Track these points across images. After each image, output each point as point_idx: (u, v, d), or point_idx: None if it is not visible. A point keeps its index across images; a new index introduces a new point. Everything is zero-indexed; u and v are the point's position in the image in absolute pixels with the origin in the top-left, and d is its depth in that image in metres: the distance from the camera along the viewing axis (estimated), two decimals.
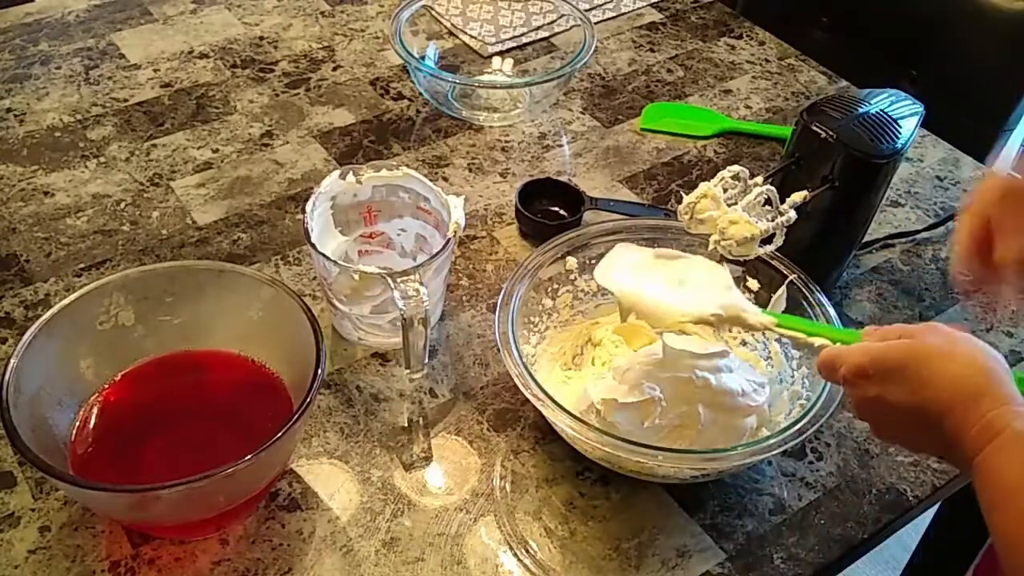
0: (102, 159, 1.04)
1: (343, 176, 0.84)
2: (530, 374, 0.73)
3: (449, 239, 0.80)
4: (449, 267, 0.86)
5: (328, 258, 0.79)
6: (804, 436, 0.70)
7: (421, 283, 0.75)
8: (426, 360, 0.80)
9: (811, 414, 0.71)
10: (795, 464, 0.80)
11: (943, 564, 1.24)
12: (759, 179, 0.79)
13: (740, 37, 1.29)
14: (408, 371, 0.79)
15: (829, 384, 0.73)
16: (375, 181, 0.85)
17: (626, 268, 0.78)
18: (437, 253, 0.79)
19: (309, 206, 0.82)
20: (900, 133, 0.82)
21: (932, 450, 0.64)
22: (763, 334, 0.83)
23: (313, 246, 0.79)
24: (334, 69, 1.19)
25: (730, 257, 0.77)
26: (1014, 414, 0.55)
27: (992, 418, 0.55)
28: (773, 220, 0.77)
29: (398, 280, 0.75)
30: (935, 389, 0.58)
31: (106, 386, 0.74)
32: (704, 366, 0.75)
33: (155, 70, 1.17)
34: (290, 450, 0.73)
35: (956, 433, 0.57)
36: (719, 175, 0.79)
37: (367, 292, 0.81)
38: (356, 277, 0.79)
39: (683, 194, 0.79)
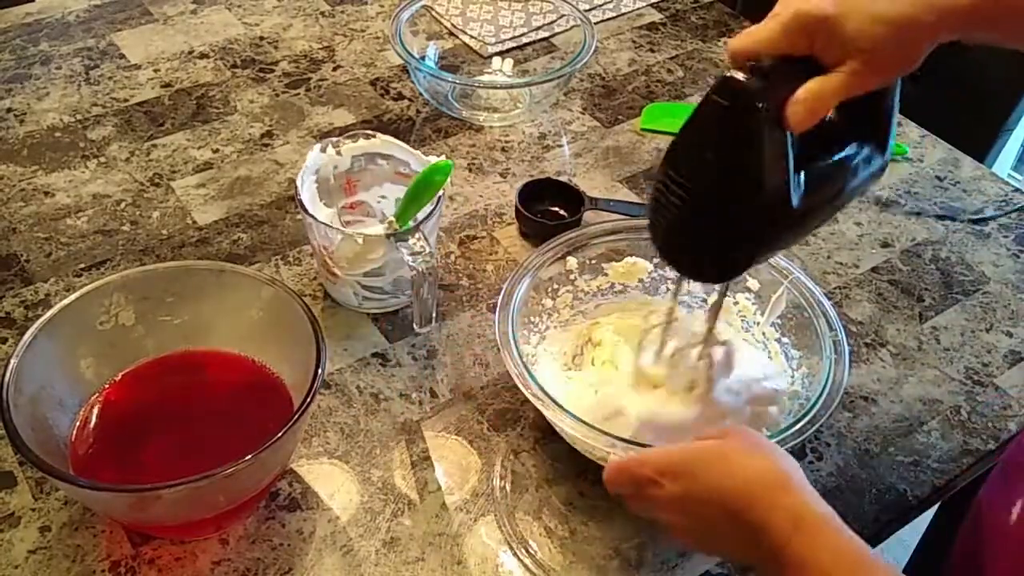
0: (102, 159, 1.04)
1: (323, 149, 0.87)
2: (530, 374, 0.73)
3: (439, 195, 0.82)
4: (437, 233, 0.88)
5: (330, 226, 0.82)
6: (804, 436, 0.70)
7: (425, 238, 0.78)
8: (434, 314, 0.83)
9: (811, 414, 0.71)
10: None
11: (943, 564, 1.24)
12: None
13: None
14: (417, 326, 0.83)
15: (829, 384, 0.73)
16: (354, 151, 0.89)
17: None
18: (431, 212, 0.81)
19: (299, 181, 0.84)
20: None
21: (738, 548, 0.60)
22: (763, 333, 0.84)
23: (313, 217, 0.81)
24: (334, 69, 1.19)
25: None
26: (815, 501, 0.58)
27: (796, 506, 0.57)
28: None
29: (404, 239, 0.78)
30: (737, 480, 0.59)
31: (106, 386, 0.74)
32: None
33: (155, 70, 1.17)
34: (290, 450, 0.73)
35: (761, 523, 0.57)
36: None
37: (370, 255, 0.83)
38: (360, 241, 0.81)
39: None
